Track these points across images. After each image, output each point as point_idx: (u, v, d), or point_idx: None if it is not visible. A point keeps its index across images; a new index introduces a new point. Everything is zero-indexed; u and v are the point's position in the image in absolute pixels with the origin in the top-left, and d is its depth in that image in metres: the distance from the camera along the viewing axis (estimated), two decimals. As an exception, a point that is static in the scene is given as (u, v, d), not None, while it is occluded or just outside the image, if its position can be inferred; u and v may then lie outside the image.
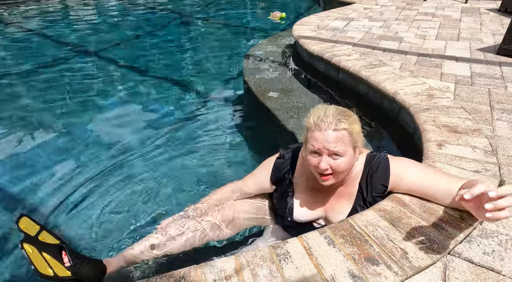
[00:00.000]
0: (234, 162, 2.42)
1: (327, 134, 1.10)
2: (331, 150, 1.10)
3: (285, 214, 1.41)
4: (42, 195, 2.13)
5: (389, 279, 0.95)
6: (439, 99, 2.09)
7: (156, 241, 1.32)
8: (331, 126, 1.10)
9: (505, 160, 1.51)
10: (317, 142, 1.11)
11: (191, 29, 6.45)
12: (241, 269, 1.00)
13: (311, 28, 4.05)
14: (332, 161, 1.13)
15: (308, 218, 1.37)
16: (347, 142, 1.11)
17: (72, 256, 1.16)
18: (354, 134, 1.13)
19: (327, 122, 1.10)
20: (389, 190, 1.26)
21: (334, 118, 1.10)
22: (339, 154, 1.11)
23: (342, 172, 1.16)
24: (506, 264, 1.00)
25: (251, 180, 1.49)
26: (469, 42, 3.38)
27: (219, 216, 1.44)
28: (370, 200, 1.27)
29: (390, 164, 1.23)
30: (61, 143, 2.72)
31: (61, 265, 1.11)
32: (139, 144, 2.64)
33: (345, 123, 1.10)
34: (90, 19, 6.93)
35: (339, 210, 1.31)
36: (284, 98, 2.79)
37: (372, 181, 1.24)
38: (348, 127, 1.11)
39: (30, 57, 4.78)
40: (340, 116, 1.12)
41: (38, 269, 1.03)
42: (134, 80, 4.03)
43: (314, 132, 1.12)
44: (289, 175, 1.38)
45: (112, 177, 2.26)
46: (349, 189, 1.29)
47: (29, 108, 3.34)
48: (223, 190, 1.53)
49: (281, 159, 1.40)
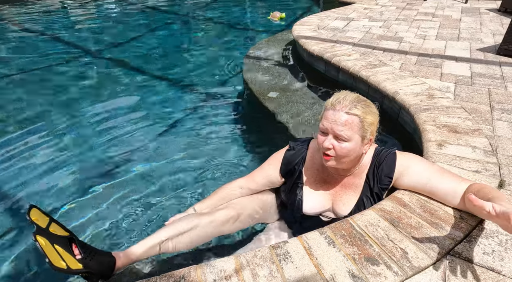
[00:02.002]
0: (234, 161, 2.42)
1: (338, 115, 1.13)
2: (337, 132, 1.13)
3: (293, 206, 1.41)
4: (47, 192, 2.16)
5: (389, 279, 0.95)
6: (439, 99, 2.09)
7: (164, 237, 1.32)
8: (344, 109, 1.13)
9: (505, 160, 1.51)
10: (327, 121, 1.15)
11: (191, 29, 6.45)
12: (241, 269, 1.00)
13: (311, 28, 4.05)
14: (337, 143, 1.15)
15: (316, 210, 1.38)
16: (355, 128, 1.14)
17: (82, 248, 1.15)
18: (365, 124, 1.15)
19: (342, 104, 1.14)
20: (394, 184, 1.28)
21: (351, 103, 1.14)
22: (343, 139, 1.14)
23: (343, 157, 1.18)
24: (506, 264, 1.00)
25: (260, 174, 1.48)
26: (469, 42, 3.38)
27: (226, 212, 1.44)
28: (377, 191, 1.29)
29: (397, 157, 1.26)
30: (64, 141, 2.74)
31: (73, 258, 1.10)
32: (139, 145, 2.65)
33: (359, 110, 1.13)
34: (90, 19, 6.93)
35: (346, 202, 1.33)
36: (283, 98, 2.79)
37: (379, 172, 1.27)
38: (360, 114, 1.13)
39: (30, 56, 4.78)
40: (358, 103, 1.15)
41: (52, 261, 1.02)
42: (134, 80, 4.03)
43: (328, 111, 1.16)
44: (300, 166, 1.39)
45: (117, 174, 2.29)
46: (357, 180, 1.31)
47: (34, 108, 3.34)
48: (229, 187, 1.52)
49: (291, 151, 1.42)
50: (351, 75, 2.68)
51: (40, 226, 1.10)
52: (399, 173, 1.25)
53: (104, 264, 1.18)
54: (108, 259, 1.21)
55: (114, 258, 1.23)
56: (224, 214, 1.43)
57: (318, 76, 3.22)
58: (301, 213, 1.40)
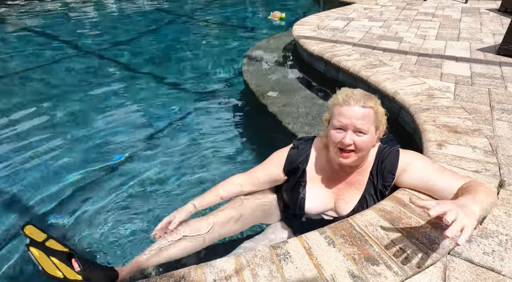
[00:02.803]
0: (234, 161, 2.42)
1: (355, 110, 1.15)
2: (357, 126, 1.15)
3: (295, 205, 1.41)
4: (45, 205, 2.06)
5: (389, 279, 0.95)
6: (439, 99, 2.09)
7: (167, 244, 1.32)
8: (359, 103, 1.16)
9: (505, 160, 1.51)
10: (344, 117, 1.17)
11: (190, 29, 6.45)
12: (241, 269, 1.00)
13: (311, 28, 4.05)
14: (357, 137, 1.17)
15: (318, 209, 1.38)
16: (371, 120, 1.18)
17: (82, 262, 1.12)
18: (379, 115, 1.20)
19: (356, 99, 1.16)
20: (396, 181, 1.29)
21: (362, 96, 1.18)
22: (363, 131, 1.16)
23: (362, 150, 1.20)
24: (506, 264, 1.00)
25: (262, 171, 1.46)
26: (469, 42, 3.38)
27: (227, 213, 1.44)
28: (381, 188, 1.30)
29: (400, 154, 1.28)
30: (59, 142, 2.71)
31: (71, 270, 1.08)
32: (139, 147, 2.63)
33: (372, 102, 1.18)
34: (90, 19, 6.93)
35: (348, 200, 1.33)
36: (283, 98, 2.79)
37: (382, 169, 1.28)
38: (374, 106, 1.18)
39: (30, 56, 4.78)
40: (368, 96, 1.20)
41: (46, 269, 1.00)
42: (134, 80, 4.03)
43: (342, 108, 1.18)
44: (304, 165, 1.39)
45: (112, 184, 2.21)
46: (361, 177, 1.32)
47: (29, 110, 3.33)
48: (229, 182, 1.50)
49: (295, 149, 1.42)
50: (351, 75, 2.68)
51: (34, 239, 1.09)
52: (401, 169, 1.26)
53: (105, 276, 1.15)
54: (110, 272, 1.19)
55: (117, 272, 1.21)
56: (224, 215, 1.42)
57: (318, 76, 3.22)
58: (302, 212, 1.40)
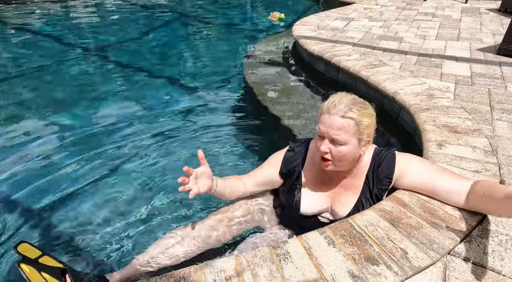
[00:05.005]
0: (234, 161, 2.42)
1: (333, 120, 1.12)
2: (332, 136, 1.13)
3: (291, 207, 1.41)
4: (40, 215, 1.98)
5: (389, 279, 0.95)
6: (439, 99, 2.09)
7: (157, 252, 1.32)
8: (340, 113, 1.12)
9: (505, 160, 1.51)
10: (323, 125, 1.15)
11: (190, 29, 6.45)
12: (241, 269, 1.00)
13: (311, 28, 4.05)
14: (333, 147, 1.15)
15: (314, 211, 1.38)
16: (351, 131, 1.13)
17: (75, 277, 1.13)
18: (361, 127, 1.13)
19: (338, 108, 1.12)
20: (394, 184, 1.28)
21: (346, 106, 1.12)
22: (339, 142, 1.14)
23: (341, 161, 1.18)
24: (506, 264, 1.00)
25: (260, 173, 1.46)
26: (469, 42, 3.38)
27: (224, 216, 1.44)
28: (377, 192, 1.28)
29: (397, 157, 1.26)
30: (58, 145, 2.70)
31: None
32: (138, 149, 2.62)
33: (354, 113, 1.12)
34: (89, 18, 6.93)
35: (345, 203, 1.32)
36: (283, 98, 2.79)
37: (378, 173, 1.26)
38: (356, 117, 1.12)
39: (30, 56, 4.78)
40: (353, 106, 1.13)
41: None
42: (133, 80, 4.02)
43: (323, 115, 1.16)
44: (299, 167, 1.39)
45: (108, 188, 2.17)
46: (356, 181, 1.31)
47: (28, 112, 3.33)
48: (238, 179, 1.47)
49: (291, 152, 1.41)
50: (351, 75, 2.68)
51: (27, 257, 1.10)
52: (399, 173, 1.25)
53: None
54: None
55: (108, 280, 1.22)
56: (218, 218, 1.43)
57: (318, 76, 3.22)
58: (298, 213, 1.39)
